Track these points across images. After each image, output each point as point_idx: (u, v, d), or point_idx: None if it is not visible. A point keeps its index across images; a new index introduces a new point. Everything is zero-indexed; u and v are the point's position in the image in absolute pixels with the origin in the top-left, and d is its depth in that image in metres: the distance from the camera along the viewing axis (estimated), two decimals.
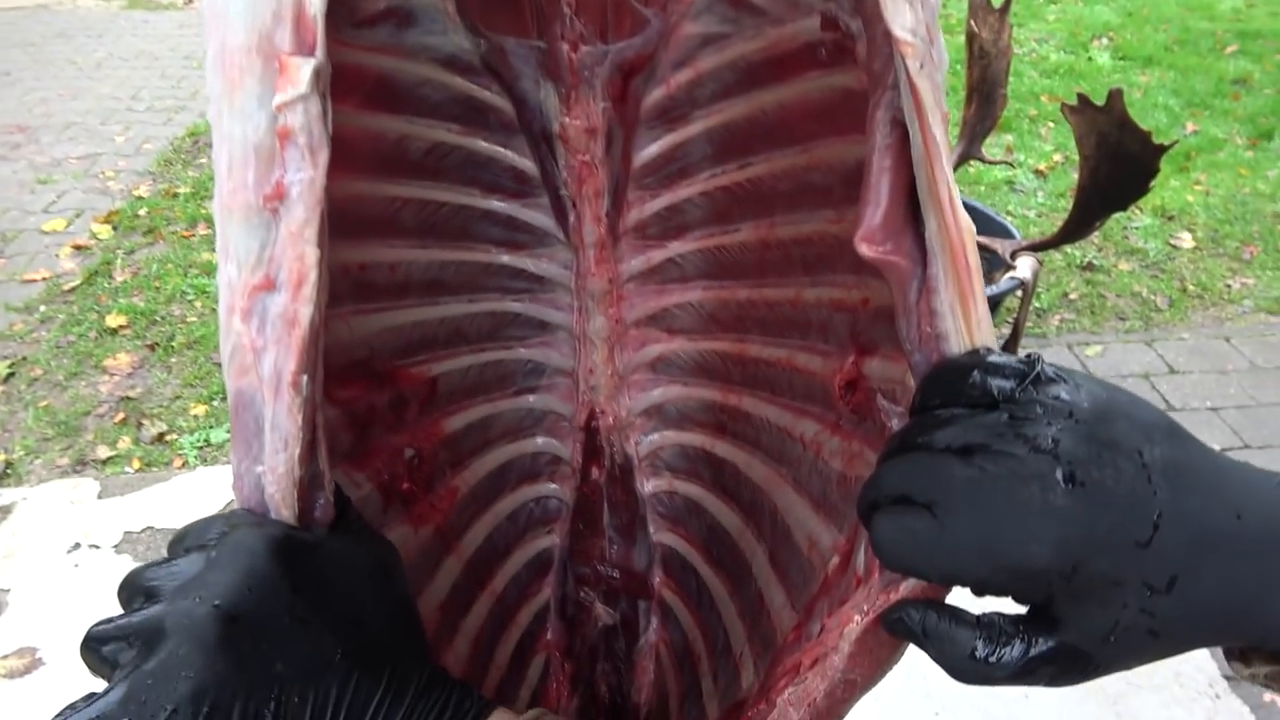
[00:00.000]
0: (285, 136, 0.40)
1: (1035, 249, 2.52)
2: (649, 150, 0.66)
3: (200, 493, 2.36)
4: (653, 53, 0.62)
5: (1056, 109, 4.35)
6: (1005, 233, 2.76)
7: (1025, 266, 2.46)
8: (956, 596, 0.45)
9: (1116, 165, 2.21)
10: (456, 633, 0.72)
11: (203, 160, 4.16)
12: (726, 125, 0.64)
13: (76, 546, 2.21)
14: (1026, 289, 2.45)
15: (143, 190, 3.90)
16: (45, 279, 3.28)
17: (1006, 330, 2.62)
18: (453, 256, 0.69)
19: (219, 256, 0.44)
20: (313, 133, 0.40)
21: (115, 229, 3.59)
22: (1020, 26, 5.41)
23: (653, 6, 0.59)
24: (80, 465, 2.50)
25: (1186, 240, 3.50)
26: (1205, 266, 3.36)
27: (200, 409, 2.68)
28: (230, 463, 0.47)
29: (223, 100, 0.41)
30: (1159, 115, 4.39)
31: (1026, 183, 3.90)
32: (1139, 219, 3.60)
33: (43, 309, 3.12)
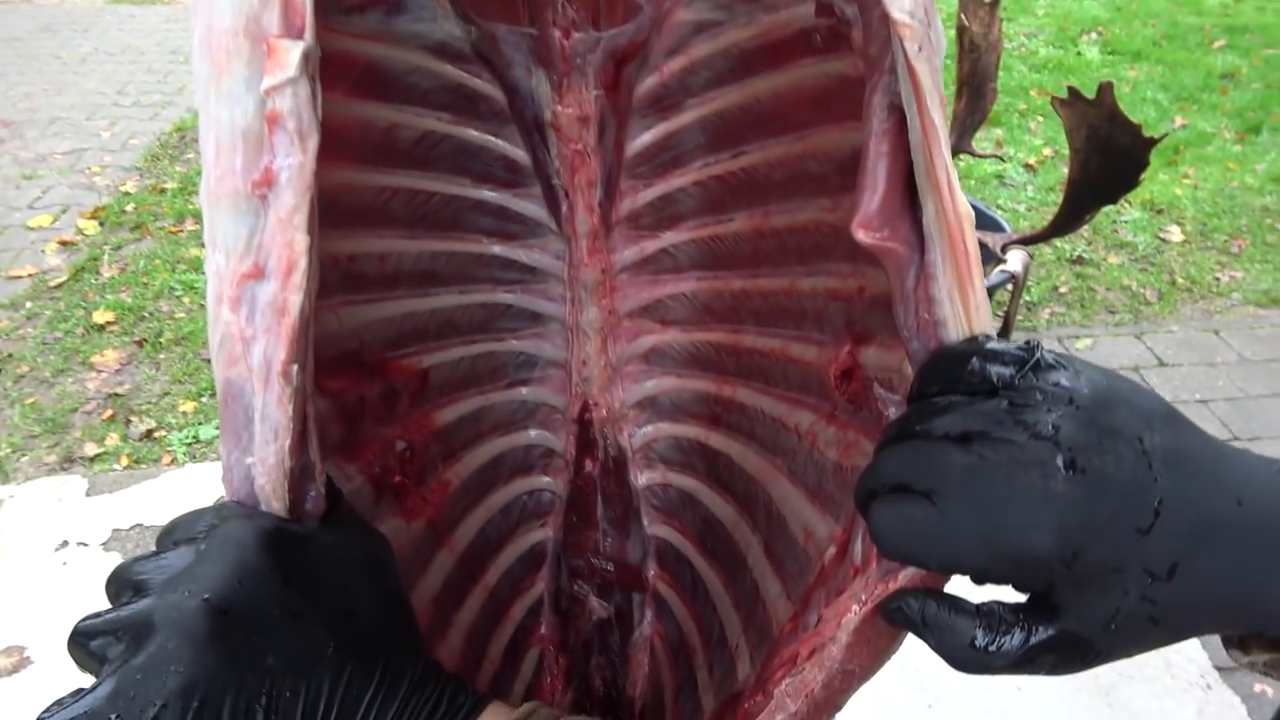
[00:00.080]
0: (274, 121, 0.40)
1: (1026, 242, 2.52)
2: (642, 139, 0.66)
3: (189, 490, 2.34)
4: (645, 40, 0.61)
5: (1046, 103, 4.36)
6: (996, 226, 2.76)
7: (1016, 260, 2.46)
8: (955, 585, 0.45)
9: (1107, 158, 2.21)
10: (449, 627, 0.71)
11: (190, 155, 4.13)
12: (720, 113, 0.64)
13: (64, 544, 2.20)
14: (1017, 282, 2.46)
15: (130, 186, 3.86)
16: (31, 275, 3.25)
17: (997, 324, 2.62)
18: (444, 247, 0.68)
19: (207, 245, 0.44)
20: (302, 117, 0.40)
21: (102, 225, 3.56)
22: (1009, 21, 5.42)
23: None
24: (68, 462, 2.48)
25: (1175, 234, 3.52)
26: (1194, 260, 3.37)
27: (189, 405, 2.66)
28: (220, 458, 0.46)
29: (209, 84, 0.40)
30: (1148, 109, 4.40)
31: (1016, 177, 3.90)
32: (1128, 213, 3.62)
33: (29, 305, 3.09)
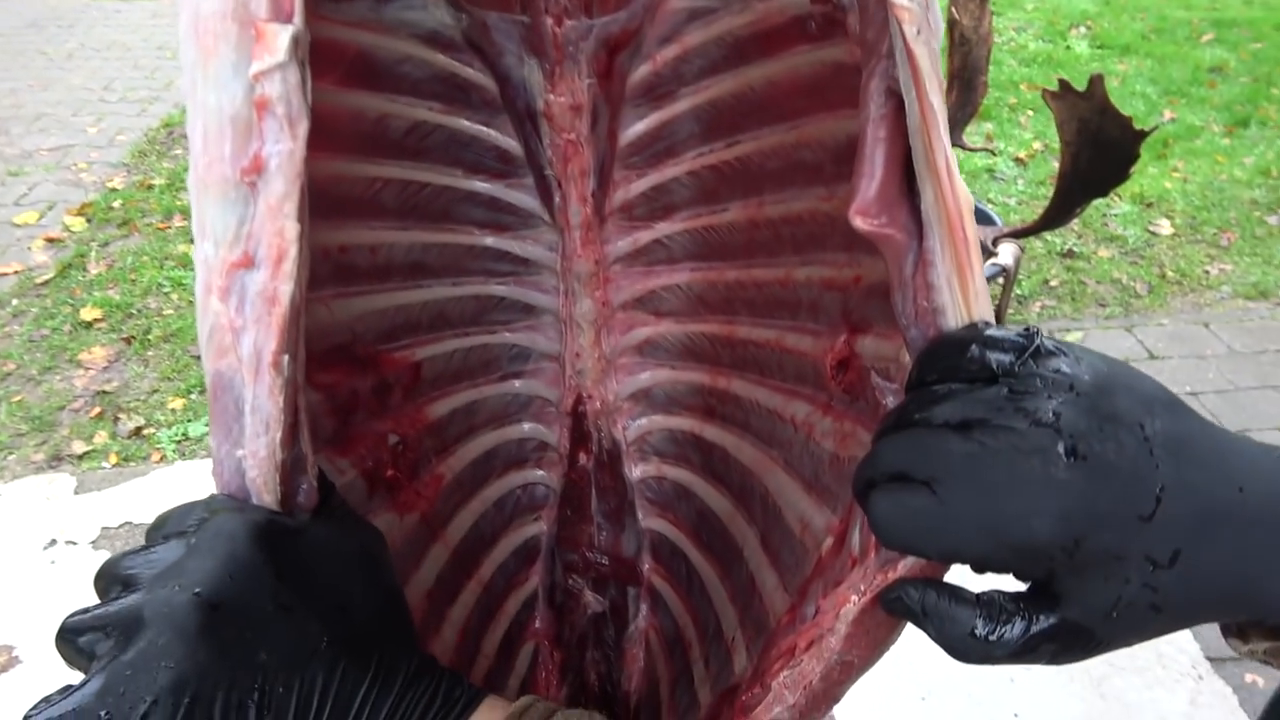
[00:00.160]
0: (263, 107, 0.39)
1: (1017, 236, 2.52)
2: (635, 128, 0.65)
3: (179, 487, 2.32)
4: (638, 27, 0.61)
5: (1036, 97, 4.37)
6: (987, 220, 2.76)
7: (1007, 253, 2.47)
8: (953, 575, 0.45)
9: (1097, 151, 2.21)
10: (443, 622, 0.70)
11: (178, 151, 4.10)
12: (714, 102, 0.63)
13: (53, 543, 2.18)
14: (1009, 276, 2.46)
15: (117, 182, 3.84)
16: (17, 272, 3.22)
17: None
18: (435, 239, 0.67)
19: (195, 234, 0.43)
20: (291, 103, 0.39)
21: (89, 221, 3.54)
22: (999, 15, 5.43)
23: None
24: (56, 460, 2.46)
25: (1165, 227, 3.52)
26: (1184, 253, 3.38)
27: (178, 402, 2.65)
28: (210, 455, 0.45)
29: (196, 69, 0.40)
30: (1137, 103, 4.41)
31: (1007, 171, 3.91)
32: (1118, 206, 3.62)
33: (15, 303, 3.07)
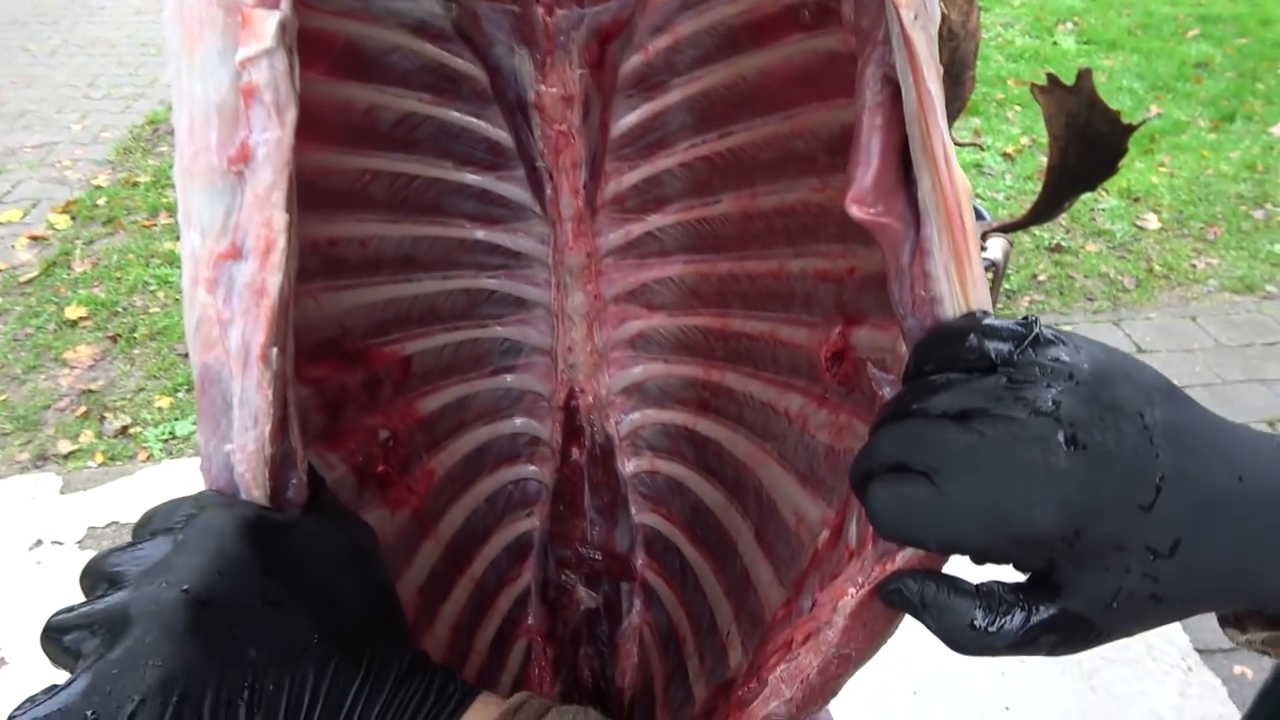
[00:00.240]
0: (250, 94, 0.38)
1: (1005, 230, 2.52)
2: (627, 119, 0.64)
3: (166, 486, 2.31)
4: (630, 17, 0.60)
5: (1023, 92, 4.38)
6: (975, 214, 2.77)
7: (996, 248, 2.47)
8: (950, 567, 0.44)
9: (1086, 145, 2.22)
10: (435, 619, 0.70)
11: (163, 149, 4.07)
12: (706, 93, 0.63)
13: (38, 543, 2.16)
14: (998, 270, 2.46)
15: (101, 179, 3.81)
16: (1, 271, 3.19)
17: None
18: (426, 232, 0.67)
19: (181, 225, 0.42)
20: (279, 90, 0.38)
21: (73, 219, 3.51)
22: (986, 11, 5.44)
23: None
24: (41, 460, 2.44)
25: (1152, 221, 3.54)
26: (1171, 247, 3.40)
27: (165, 401, 2.63)
28: (198, 454, 0.45)
29: (182, 57, 0.39)
30: (1123, 98, 4.43)
31: (994, 166, 3.92)
32: (1105, 201, 3.64)
33: None
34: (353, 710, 0.42)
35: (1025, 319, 0.41)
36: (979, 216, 2.72)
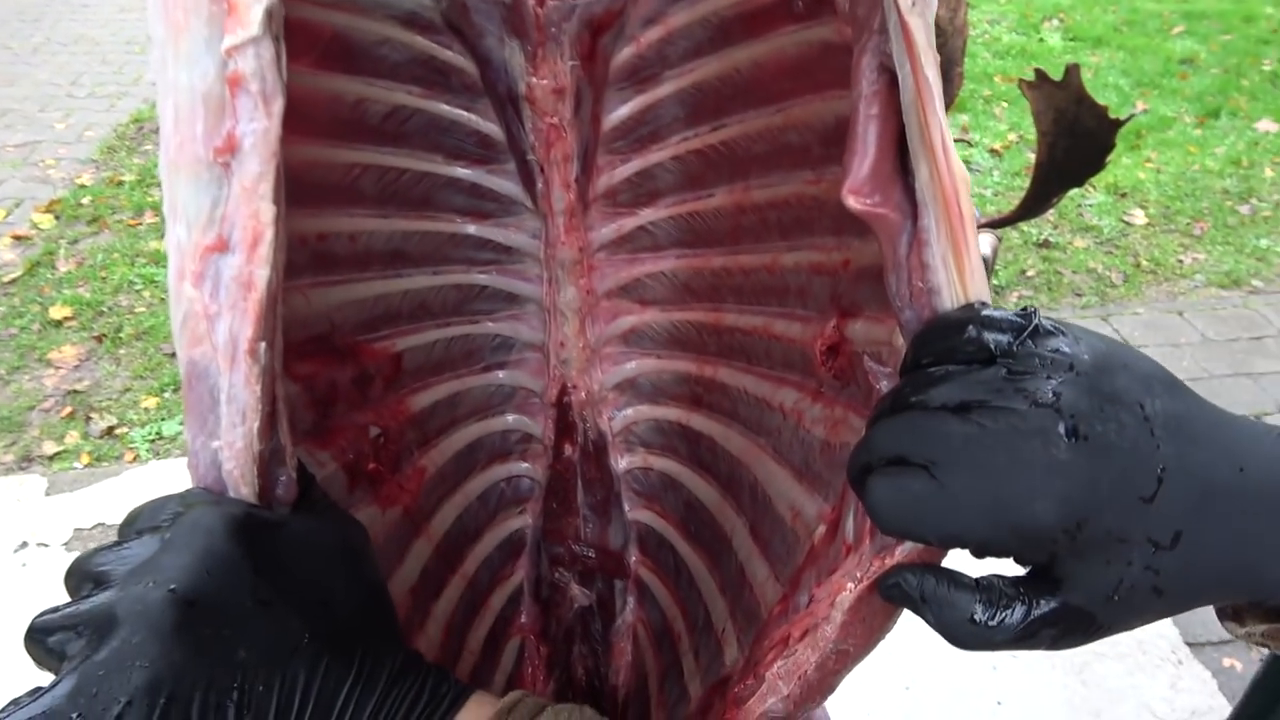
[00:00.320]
0: (236, 83, 0.37)
1: (994, 226, 2.53)
2: (619, 112, 0.64)
3: (153, 487, 2.29)
4: (622, 8, 0.59)
5: (1010, 89, 4.40)
6: None
7: (985, 244, 2.48)
8: (949, 561, 0.44)
9: (1074, 141, 2.23)
10: (427, 618, 0.69)
11: (148, 147, 4.04)
12: (699, 85, 0.62)
13: (24, 545, 2.14)
14: (987, 266, 2.47)
15: (85, 178, 3.77)
16: None
17: None
18: (416, 226, 0.66)
19: (166, 217, 0.41)
20: (266, 79, 0.37)
21: (57, 218, 3.48)
22: (973, 8, 5.45)
23: None
24: (26, 461, 2.42)
25: (1139, 217, 3.56)
26: (1158, 242, 3.41)
27: (151, 401, 2.61)
28: (185, 454, 0.44)
29: (166, 45, 0.38)
30: (1109, 95, 4.44)
31: (982, 162, 3.93)
32: (1093, 196, 3.65)
33: None
34: (344, 711, 0.41)
35: (1024, 310, 0.41)
36: None
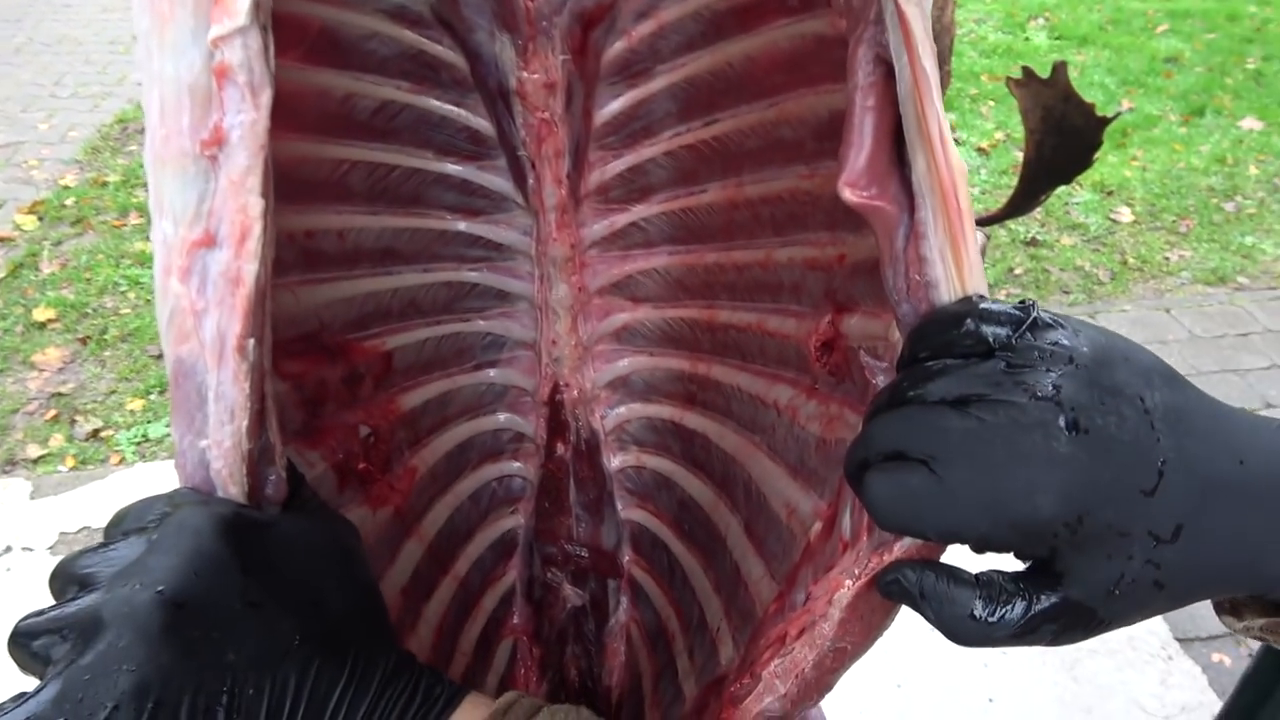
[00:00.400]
0: (223, 75, 0.37)
1: (982, 224, 2.53)
2: (610, 107, 0.63)
3: (139, 490, 2.25)
4: (613, 2, 0.59)
5: (997, 88, 4.41)
6: None
7: None
8: (947, 556, 0.44)
9: (1062, 138, 2.23)
10: (419, 619, 0.68)
11: (133, 148, 4.01)
12: (691, 80, 0.61)
13: (8, 550, 2.12)
14: None
15: (69, 179, 3.74)
16: None
17: None
18: (405, 223, 0.65)
19: (153, 212, 0.40)
20: (253, 70, 0.37)
21: (41, 219, 3.44)
22: (959, 7, 5.45)
23: None
24: (10, 465, 2.39)
25: (1126, 214, 3.57)
26: (1144, 240, 3.43)
27: (137, 403, 2.58)
28: (172, 457, 0.43)
29: (151, 36, 0.37)
30: (1095, 93, 4.46)
31: (969, 161, 3.94)
32: (1079, 194, 3.67)
33: None
34: (336, 713, 0.40)
35: (1023, 302, 0.40)
36: None
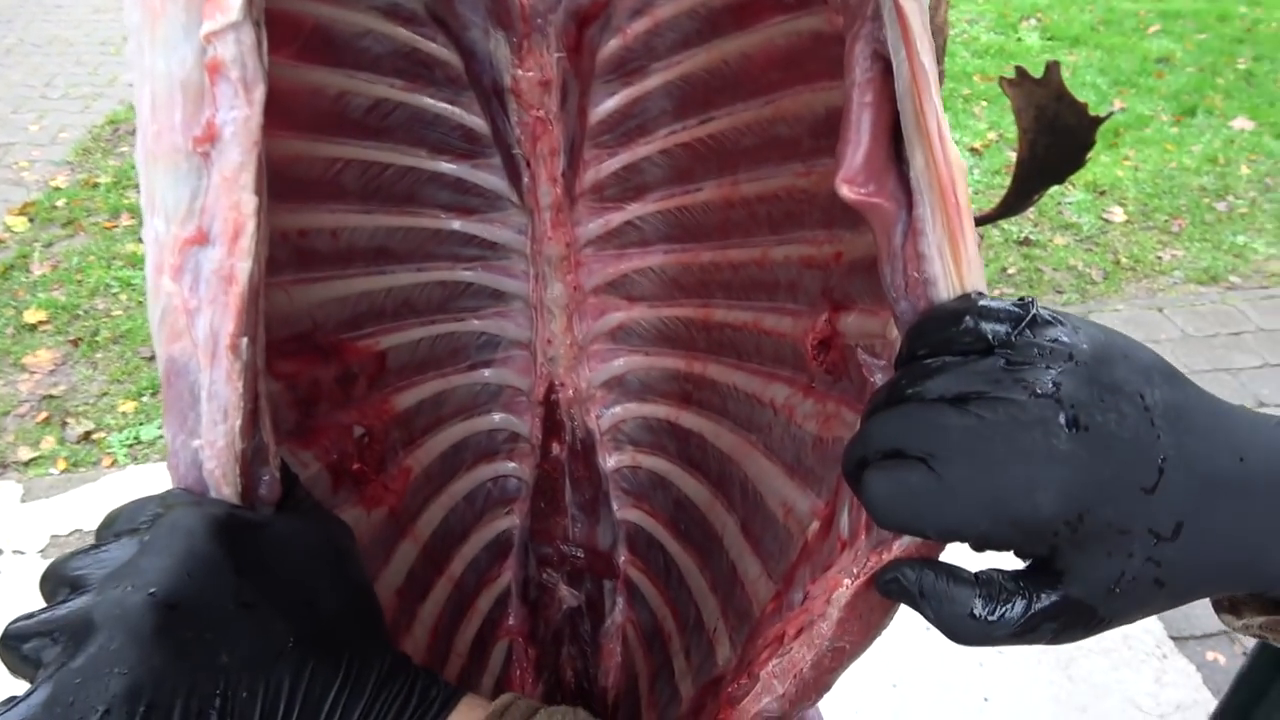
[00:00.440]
0: (215, 70, 0.36)
1: (976, 224, 2.54)
2: (606, 105, 0.63)
3: (131, 492, 2.25)
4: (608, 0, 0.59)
5: (989, 88, 4.42)
6: None
7: None
8: (946, 555, 0.43)
9: (1055, 138, 2.24)
10: (414, 621, 0.68)
11: (124, 149, 3.99)
12: (686, 77, 0.61)
13: None
14: None
15: (60, 181, 3.72)
16: None
17: None
18: (399, 222, 0.65)
19: (144, 209, 0.40)
20: (246, 65, 0.36)
21: (31, 221, 3.43)
22: (952, 7, 5.47)
23: None
24: (0, 468, 2.38)
25: (1118, 214, 3.58)
26: (1137, 239, 3.44)
27: (129, 405, 2.57)
28: (164, 459, 0.43)
29: (143, 31, 0.37)
30: (1087, 94, 4.48)
31: (962, 161, 3.94)
32: (1072, 194, 3.68)
33: None
34: (331, 715, 0.40)
35: (1022, 299, 0.40)
36: None
